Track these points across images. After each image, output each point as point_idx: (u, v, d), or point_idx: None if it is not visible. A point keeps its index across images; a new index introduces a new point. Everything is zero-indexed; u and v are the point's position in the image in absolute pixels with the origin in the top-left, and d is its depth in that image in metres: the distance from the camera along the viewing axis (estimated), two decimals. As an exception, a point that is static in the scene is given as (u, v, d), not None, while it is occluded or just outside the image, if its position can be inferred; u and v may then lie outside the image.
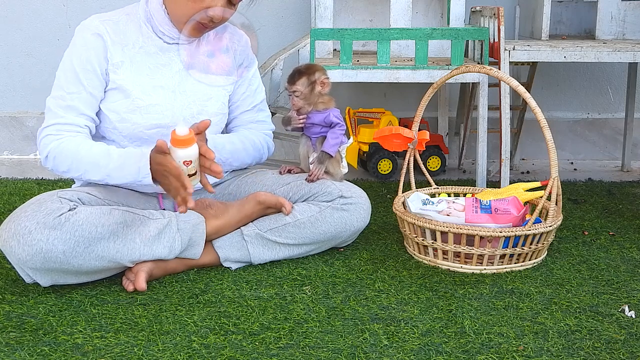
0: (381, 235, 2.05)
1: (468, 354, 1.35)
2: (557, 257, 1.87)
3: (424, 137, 2.02)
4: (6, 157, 3.15)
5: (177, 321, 1.48)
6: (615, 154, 3.15)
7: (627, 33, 2.70)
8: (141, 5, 1.79)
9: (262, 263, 1.81)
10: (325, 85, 1.90)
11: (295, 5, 3.04)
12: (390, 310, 1.54)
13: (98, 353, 1.35)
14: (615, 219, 2.21)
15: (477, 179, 2.36)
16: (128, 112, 1.75)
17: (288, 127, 1.94)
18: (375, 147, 2.75)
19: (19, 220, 1.55)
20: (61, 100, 1.72)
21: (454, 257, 1.79)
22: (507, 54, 2.30)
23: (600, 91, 3.17)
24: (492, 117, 2.60)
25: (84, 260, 1.57)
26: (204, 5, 1.68)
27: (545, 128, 1.78)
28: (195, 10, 1.69)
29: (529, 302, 1.58)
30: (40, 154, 1.75)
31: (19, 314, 1.52)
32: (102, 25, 1.75)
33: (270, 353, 1.35)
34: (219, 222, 1.78)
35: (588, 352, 1.36)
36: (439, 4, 2.85)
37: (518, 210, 1.81)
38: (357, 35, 2.25)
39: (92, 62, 1.73)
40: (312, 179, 1.88)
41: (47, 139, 1.72)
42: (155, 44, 1.78)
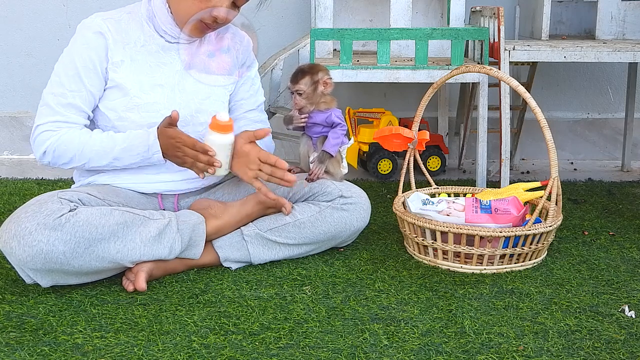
0: (381, 235, 2.05)
1: (468, 354, 1.35)
2: (557, 257, 1.87)
3: (424, 137, 2.02)
4: (6, 157, 3.15)
5: (177, 321, 1.48)
6: (615, 154, 3.15)
7: (627, 33, 2.70)
8: (143, 4, 1.79)
9: (262, 263, 1.81)
10: (327, 85, 1.91)
11: (295, 5, 3.04)
12: (390, 310, 1.54)
13: (98, 353, 1.35)
14: (615, 219, 2.21)
15: (477, 179, 2.36)
16: (126, 110, 1.75)
17: (289, 126, 1.94)
18: (375, 147, 2.75)
19: (19, 221, 1.55)
20: (62, 98, 1.73)
21: (454, 257, 1.79)
22: (507, 54, 2.30)
23: (600, 91, 3.17)
24: (492, 117, 2.60)
25: (84, 261, 1.57)
26: (209, 5, 1.69)
27: (545, 128, 1.78)
28: (200, 9, 1.69)
29: (529, 302, 1.58)
30: (35, 150, 1.75)
31: (19, 314, 1.52)
32: (104, 24, 1.75)
33: (270, 353, 1.35)
34: (219, 222, 1.78)
35: (588, 352, 1.36)
36: (439, 4, 2.85)
37: (518, 210, 1.81)
38: (357, 35, 2.25)
39: (93, 60, 1.73)
40: (312, 179, 1.88)
41: (44, 135, 1.72)
42: (157, 43, 1.78)
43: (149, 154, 1.71)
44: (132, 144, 1.72)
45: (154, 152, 1.71)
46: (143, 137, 1.71)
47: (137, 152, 1.72)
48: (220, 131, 1.67)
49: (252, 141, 1.74)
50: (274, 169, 1.71)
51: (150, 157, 1.72)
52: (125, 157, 1.73)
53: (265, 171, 1.72)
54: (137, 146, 1.71)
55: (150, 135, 1.71)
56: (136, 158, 1.73)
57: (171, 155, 1.71)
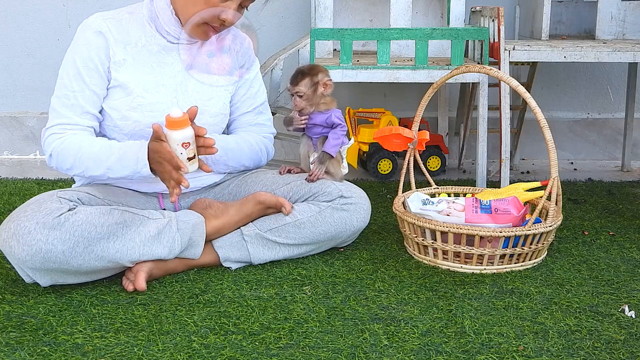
0: (381, 235, 2.05)
1: (468, 354, 1.35)
2: (557, 257, 1.87)
3: (424, 137, 2.02)
4: (6, 157, 3.15)
5: (177, 321, 1.48)
6: (615, 154, 3.15)
7: (627, 33, 2.70)
8: (145, 5, 1.79)
9: (262, 263, 1.81)
10: (327, 86, 1.91)
11: (295, 5, 3.04)
12: (390, 310, 1.54)
13: (98, 353, 1.35)
14: (615, 219, 2.21)
15: (477, 179, 2.36)
16: (129, 110, 1.75)
17: (290, 127, 1.94)
18: (375, 147, 2.75)
19: (18, 220, 1.55)
20: (65, 99, 1.73)
21: (454, 257, 1.79)
22: (507, 54, 2.30)
23: (600, 91, 3.17)
24: (492, 117, 2.60)
25: (83, 260, 1.57)
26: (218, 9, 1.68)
27: (545, 128, 1.78)
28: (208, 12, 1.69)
29: (529, 302, 1.58)
30: (44, 153, 1.76)
31: (19, 314, 1.52)
32: (104, 23, 1.75)
33: (270, 353, 1.35)
34: (219, 222, 1.78)
35: (588, 352, 1.36)
36: (439, 4, 2.85)
37: (518, 210, 1.81)
38: (357, 35, 2.25)
39: (94, 60, 1.73)
40: (312, 179, 1.88)
41: (51, 138, 1.73)
42: (159, 43, 1.78)
43: (138, 167, 1.68)
44: (125, 155, 1.69)
45: (142, 166, 1.67)
46: (135, 149, 1.68)
47: (127, 164, 1.68)
48: (177, 127, 1.61)
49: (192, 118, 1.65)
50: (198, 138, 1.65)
51: (139, 170, 1.68)
52: (118, 168, 1.69)
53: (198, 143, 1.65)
54: (128, 158, 1.68)
55: (141, 149, 1.67)
56: (127, 170, 1.69)
57: (155, 168, 1.67)
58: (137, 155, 1.67)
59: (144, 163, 1.66)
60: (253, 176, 1.94)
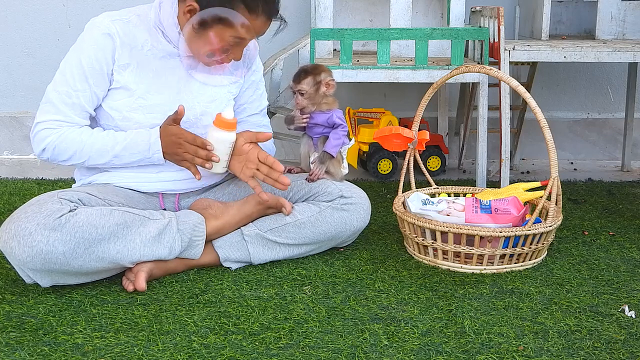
0: (381, 235, 2.05)
1: (468, 354, 1.35)
2: (557, 257, 1.87)
3: (424, 137, 2.02)
4: (6, 157, 3.15)
5: (177, 321, 1.48)
6: (615, 154, 3.15)
7: (627, 33, 2.70)
8: (153, 9, 1.78)
9: (262, 263, 1.81)
10: (330, 86, 1.91)
11: (295, 5, 3.04)
12: (390, 310, 1.54)
13: (98, 353, 1.35)
14: (615, 219, 2.21)
15: (477, 179, 2.36)
16: (130, 111, 1.75)
17: (291, 126, 1.94)
18: (375, 147, 2.75)
19: (19, 221, 1.55)
20: (66, 97, 1.73)
21: (454, 257, 1.79)
22: (507, 54, 2.30)
23: (600, 91, 3.17)
24: (492, 117, 2.60)
25: (84, 261, 1.57)
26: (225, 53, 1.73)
27: (545, 128, 1.78)
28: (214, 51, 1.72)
29: (529, 302, 1.58)
30: (34, 146, 1.75)
31: (19, 314, 1.52)
32: (112, 25, 1.74)
33: (270, 353, 1.35)
34: (219, 222, 1.78)
35: (588, 352, 1.36)
36: (439, 4, 2.85)
37: (518, 210, 1.81)
38: (357, 35, 2.25)
39: (100, 61, 1.73)
40: (312, 179, 1.88)
41: (45, 132, 1.73)
42: (165, 49, 1.78)
43: (150, 152, 1.73)
44: (134, 142, 1.73)
45: (155, 152, 1.72)
46: (144, 135, 1.73)
47: (137, 151, 1.73)
48: (224, 128, 1.70)
49: (254, 142, 1.75)
50: (271, 170, 1.73)
51: (151, 156, 1.73)
52: (126, 155, 1.73)
53: (262, 171, 1.73)
54: (138, 144, 1.72)
55: (152, 134, 1.72)
56: (137, 156, 1.74)
57: (171, 152, 1.72)
58: (149, 141, 1.72)
59: (157, 148, 1.72)
60: (253, 176, 1.95)
